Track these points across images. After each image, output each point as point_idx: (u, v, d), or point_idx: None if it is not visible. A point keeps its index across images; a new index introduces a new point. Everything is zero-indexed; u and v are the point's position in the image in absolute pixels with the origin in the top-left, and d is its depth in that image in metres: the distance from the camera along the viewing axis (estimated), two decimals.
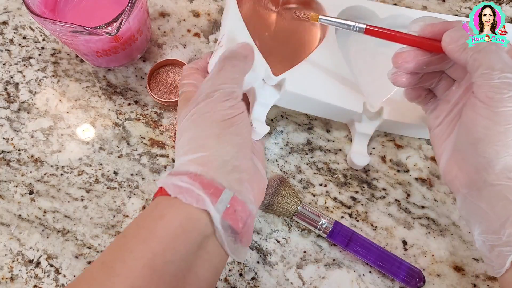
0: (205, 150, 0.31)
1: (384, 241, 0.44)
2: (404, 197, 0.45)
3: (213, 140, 0.31)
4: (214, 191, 0.30)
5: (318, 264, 0.43)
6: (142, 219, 0.30)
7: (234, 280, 0.42)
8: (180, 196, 0.29)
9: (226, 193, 0.30)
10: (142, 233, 0.29)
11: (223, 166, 0.31)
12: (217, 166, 0.31)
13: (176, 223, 0.29)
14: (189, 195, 0.29)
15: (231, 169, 0.31)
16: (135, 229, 0.30)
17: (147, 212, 0.31)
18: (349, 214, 0.44)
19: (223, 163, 0.31)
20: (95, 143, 0.46)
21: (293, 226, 0.44)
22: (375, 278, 0.42)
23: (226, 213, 0.30)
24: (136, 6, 0.39)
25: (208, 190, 0.30)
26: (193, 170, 0.30)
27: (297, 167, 0.46)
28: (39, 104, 0.47)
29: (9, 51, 0.48)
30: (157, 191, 0.32)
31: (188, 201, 0.29)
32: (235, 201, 0.31)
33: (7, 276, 0.41)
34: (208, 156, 0.31)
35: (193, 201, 0.29)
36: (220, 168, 0.31)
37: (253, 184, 0.34)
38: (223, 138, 0.31)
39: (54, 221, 0.43)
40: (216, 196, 0.30)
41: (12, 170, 0.44)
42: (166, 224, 0.29)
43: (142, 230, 0.29)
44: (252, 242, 0.43)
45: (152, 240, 0.28)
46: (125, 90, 0.48)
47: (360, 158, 0.45)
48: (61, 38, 0.41)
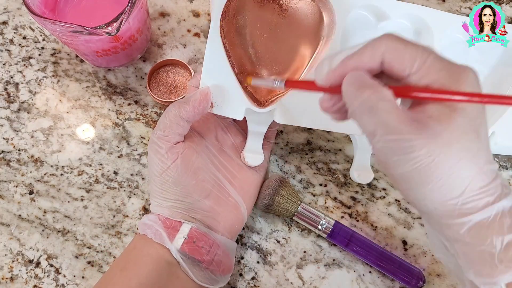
0: (158, 198, 0.37)
1: (384, 241, 0.44)
2: (404, 197, 0.45)
3: (158, 194, 0.36)
4: (173, 226, 0.35)
5: (318, 264, 0.43)
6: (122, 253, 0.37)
7: (234, 280, 0.42)
8: (145, 232, 0.35)
9: (184, 226, 0.35)
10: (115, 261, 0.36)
11: (174, 209, 0.36)
12: (173, 206, 0.36)
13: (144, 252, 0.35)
14: (151, 231, 0.35)
15: (183, 209, 0.36)
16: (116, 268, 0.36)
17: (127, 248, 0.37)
18: (349, 214, 0.44)
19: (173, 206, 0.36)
20: (95, 143, 0.46)
21: (293, 226, 0.44)
22: (375, 278, 0.42)
23: (185, 245, 0.35)
24: (136, 6, 0.39)
25: (166, 226, 0.35)
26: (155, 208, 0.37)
27: (297, 167, 0.46)
28: (39, 104, 0.47)
29: (9, 51, 0.48)
30: None
31: (151, 236, 0.35)
32: (194, 233, 0.35)
33: (7, 276, 0.41)
34: (162, 202, 0.37)
35: (153, 235, 0.35)
36: (172, 210, 0.36)
37: (220, 216, 0.38)
38: (165, 193, 0.36)
39: (54, 221, 0.43)
40: (175, 229, 0.35)
41: (12, 170, 0.44)
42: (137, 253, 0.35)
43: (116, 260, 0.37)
44: (252, 242, 0.43)
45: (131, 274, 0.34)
46: (125, 90, 0.48)
47: (363, 174, 0.44)
48: (61, 38, 0.41)
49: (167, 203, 0.36)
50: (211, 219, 0.37)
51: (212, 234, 0.36)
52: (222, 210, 0.38)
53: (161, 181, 0.36)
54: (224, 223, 0.38)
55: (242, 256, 0.43)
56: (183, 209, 0.36)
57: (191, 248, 0.35)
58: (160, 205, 0.36)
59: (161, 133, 0.35)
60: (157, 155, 0.35)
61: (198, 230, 0.35)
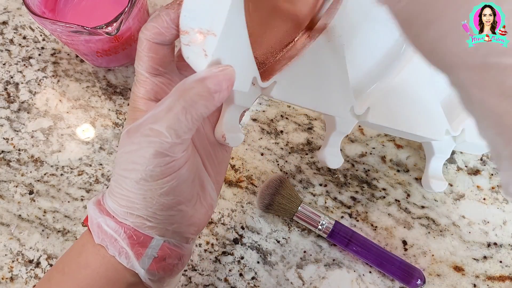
0: (130, 205, 0.26)
1: (384, 241, 0.44)
2: (404, 197, 0.45)
3: (138, 201, 0.26)
4: (142, 240, 0.26)
5: (318, 264, 0.43)
6: (68, 263, 0.28)
7: (234, 280, 0.42)
8: (103, 244, 0.27)
9: (154, 242, 0.27)
10: (67, 282, 0.27)
11: (151, 219, 0.27)
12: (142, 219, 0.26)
13: (101, 274, 0.27)
14: (113, 245, 0.26)
15: (159, 221, 0.27)
16: (60, 274, 0.28)
17: (73, 254, 0.28)
18: (349, 214, 0.44)
19: (150, 217, 0.26)
20: (95, 143, 0.46)
21: (293, 226, 0.44)
22: (375, 278, 0.42)
23: (154, 263, 0.27)
24: (136, 6, 0.39)
25: (133, 241, 0.26)
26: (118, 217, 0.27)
27: (297, 167, 0.46)
28: (39, 104, 0.47)
29: (9, 51, 0.48)
30: (86, 218, 0.29)
31: (111, 252, 0.26)
32: (166, 249, 0.27)
33: (7, 276, 0.41)
34: (133, 210, 0.26)
35: (116, 253, 0.26)
36: (148, 221, 0.27)
37: (195, 222, 0.29)
38: (149, 200, 0.26)
39: (54, 221, 0.43)
40: (143, 245, 0.27)
41: (12, 170, 0.44)
42: (90, 275, 0.27)
43: (67, 278, 0.27)
44: (252, 242, 0.43)
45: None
46: (125, 90, 0.48)
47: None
48: (61, 38, 0.41)
49: (141, 212, 0.26)
50: (185, 227, 0.28)
51: (184, 246, 0.29)
52: (199, 214, 0.29)
53: (148, 188, 0.25)
54: (198, 227, 0.29)
55: (242, 256, 0.43)
56: (160, 221, 0.27)
57: (160, 266, 0.27)
58: (131, 213, 0.26)
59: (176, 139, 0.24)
60: (161, 159, 0.24)
61: (170, 246, 0.28)
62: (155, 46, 0.26)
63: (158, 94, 0.27)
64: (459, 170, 0.47)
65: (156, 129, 0.24)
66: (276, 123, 0.47)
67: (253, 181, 0.45)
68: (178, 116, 0.23)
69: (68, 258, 0.29)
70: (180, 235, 0.28)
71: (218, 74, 0.24)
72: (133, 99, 0.28)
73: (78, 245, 0.29)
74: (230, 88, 0.25)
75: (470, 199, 0.46)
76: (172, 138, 0.24)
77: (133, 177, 0.25)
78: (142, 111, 0.27)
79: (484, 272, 0.43)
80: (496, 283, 0.42)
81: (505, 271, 0.43)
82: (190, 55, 0.24)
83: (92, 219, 0.27)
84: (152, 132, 0.24)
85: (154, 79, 0.27)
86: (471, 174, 0.47)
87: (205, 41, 0.24)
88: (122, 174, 0.25)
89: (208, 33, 0.24)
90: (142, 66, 0.27)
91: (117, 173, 0.26)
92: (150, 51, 0.26)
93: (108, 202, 0.27)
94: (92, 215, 0.27)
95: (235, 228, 0.43)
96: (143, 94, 0.27)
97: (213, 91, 0.23)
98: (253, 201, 0.44)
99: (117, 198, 0.26)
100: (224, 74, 0.24)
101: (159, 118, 0.24)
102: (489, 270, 0.43)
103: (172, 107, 0.23)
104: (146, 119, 0.24)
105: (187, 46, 0.24)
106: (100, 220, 0.27)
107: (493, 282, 0.42)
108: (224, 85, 0.24)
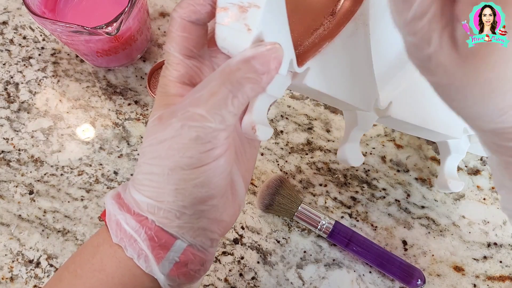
0: (159, 198, 0.24)
1: (384, 241, 0.44)
2: (404, 197, 0.45)
3: (169, 190, 0.24)
4: (164, 243, 0.24)
5: (318, 264, 0.43)
6: (80, 263, 0.26)
7: (234, 280, 0.42)
8: (121, 244, 0.24)
9: (177, 245, 0.25)
10: (79, 286, 0.25)
11: (180, 215, 0.24)
12: (171, 214, 0.24)
13: (116, 279, 0.25)
14: (132, 246, 0.24)
15: (188, 217, 0.25)
16: (72, 275, 0.26)
17: (87, 254, 0.26)
18: (349, 214, 0.44)
19: (179, 212, 0.24)
20: (95, 143, 0.46)
21: (293, 226, 0.44)
22: (375, 278, 0.42)
23: (175, 268, 0.25)
24: (136, 6, 0.39)
25: (154, 243, 0.24)
26: (142, 212, 0.24)
27: (297, 167, 0.46)
28: (39, 104, 0.47)
29: (9, 51, 0.48)
30: (104, 212, 0.27)
31: (129, 254, 0.24)
32: (189, 254, 0.25)
33: (7, 276, 0.41)
34: (163, 204, 0.24)
35: (134, 255, 0.24)
36: (176, 216, 0.24)
37: (222, 223, 0.27)
38: (181, 191, 0.24)
39: (54, 221, 0.43)
40: (165, 248, 0.24)
41: (12, 170, 0.44)
42: (105, 279, 0.25)
43: (79, 281, 0.25)
44: (252, 242, 0.43)
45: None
46: (125, 90, 0.48)
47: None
48: (61, 38, 0.41)
49: (170, 206, 0.24)
50: (213, 225, 0.26)
51: (207, 251, 0.26)
52: (229, 212, 0.27)
53: (183, 177, 0.23)
54: (225, 227, 0.27)
55: (242, 256, 0.43)
56: (189, 218, 0.24)
57: (181, 272, 0.25)
58: (159, 207, 0.24)
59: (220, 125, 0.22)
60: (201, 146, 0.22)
61: (193, 250, 0.25)
62: (189, 25, 0.24)
63: (192, 78, 0.25)
64: (459, 170, 0.47)
65: (199, 113, 0.21)
66: (276, 123, 0.47)
67: (253, 181, 0.45)
68: (225, 101, 0.21)
69: (81, 259, 0.26)
70: (206, 236, 0.26)
71: (266, 53, 0.21)
72: (164, 83, 0.25)
73: (93, 245, 0.26)
74: (278, 69, 0.22)
75: (470, 199, 0.46)
76: (216, 123, 0.21)
77: (167, 164, 0.23)
78: (175, 96, 0.25)
79: (484, 272, 0.43)
80: (496, 283, 0.42)
81: (505, 271, 0.43)
82: (229, 35, 0.22)
83: (111, 215, 0.25)
84: (193, 116, 0.21)
85: (188, 61, 0.25)
86: (471, 174, 0.47)
87: (247, 15, 0.22)
88: (153, 163, 0.23)
89: (250, 6, 0.22)
90: (174, 47, 0.24)
91: (146, 162, 0.24)
92: (184, 31, 0.24)
93: (134, 194, 0.25)
94: (111, 210, 0.25)
95: (235, 228, 0.43)
96: (176, 77, 0.25)
97: (261, 72, 0.21)
98: (253, 201, 0.44)
99: (144, 189, 0.24)
100: (272, 52, 0.22)
101: (202, 101, 0.22)
102: (489, 270, 0.43)
103: (217, 91, 0.21)
104: (185, 103, 0.22)
105: (225, 26, 0.22)
106: (120, 217, 0.24)
107: (493, 282, 0.42)
108: (272, 65, 0.22)
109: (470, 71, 0.19)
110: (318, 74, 0.30)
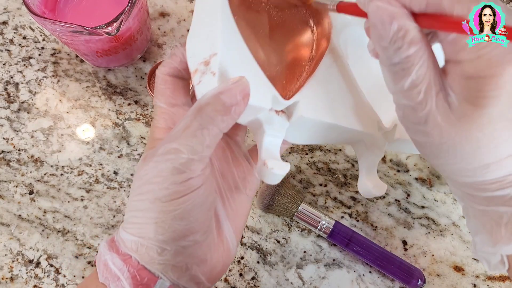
0: (142, 234, 0.25)
1: (384, 241, 0.44)
2: (404, 197, 0.45)
3: (150, 225, 0.25)
4: (146, 282, 0.25)
5: (318, 264, 0.43)
6: None
7: (234, 280, 0.42)
8: (106, 283, 0.25)
9: (158, 284, 0.25)
10: None
11: (161, 251, 0.25)
12: (153, 250, 0.25)
13: None
14: (115, 284, 0.25)
15: (170, 253, 0.25)
16: None
17: None
18: (349, 214, 0.44)
19: (160, 248, 0.25)
20: (95, 143, 0.46)
21: (293, 226, 0.44)
22: (375, 278, 0.42)
23: None
24: (136, 6, 0.39)
25: (136, 282, 0.25)
26: (127, 251, 0.26)
27: (297, 167, 0.46)
28: (39, 104, 0.47)
29: (9, 51, 0.48)
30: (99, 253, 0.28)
31: None
32: None
33: (7, 276, 0.41)
34: (145, 240, 0.25)
35: None
36: (158, 254, 0.25)
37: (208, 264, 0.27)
38: (161, 224, 0.24)
39: (54, 221, 0.43)
40: (147, 287, 0.25)
41: (12, 170, 0.44)
42: None
43: None
44: (252, 242, 0.43)
45: None
46: (125, 90, 0.48)
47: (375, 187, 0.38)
48: (61, 38, 0.41)
49: (151, 242, 0.25)
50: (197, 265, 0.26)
51: None
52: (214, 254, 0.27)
53: (161, 209, 0.24)
54: (211, 271, 0.27)
55: (242, 256, 0.43)
56: (169, 254, 0.25)
57: None
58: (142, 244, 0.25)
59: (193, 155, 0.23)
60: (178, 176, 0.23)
61: None
62: (170, 79, 0.28)
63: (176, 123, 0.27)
64: None
65: (173, 146, 0.23)
66: None
67: None
68: (195, 133, 0.23)
69: None
70: (191, 278, 0.26)
71: (231, 87, 0.23)
72: (152, 130, 0.28)
73: (82, 286, 0.28)
74: (246, 100, 0.24)
75: None
76: (188, 154, 0.23)
77: (148, 198, 0.24)
78: (160, 139, 0.27)
79: (484, 272, 0.43)
80: (496, 283, 0.42)
81: (505, 271, 0.43)
82: (204, 89, 0.24)
83: (101, 256, 0.26)
84: (170, 150, 0.23)
85: (173, 109, 0.28)
86: None
87: (211, 65, 0.24)
88: (137, 199, 0.25)
89: (211, 57, 0.24)
90: (160, 99, 0.28)
91: (132, 200, 0.25)
92: (167, 84, 0.28)
93: (121, 233, 0.26)
94: (101, 252, 0.27)
95: None
96: (162, 124, 0.28)
97: (229, 104, 0.23)
98: (253, 201, 0.44)
99: (130, 227, 0.26)
100: (237, 85, 0.23)
101: (176, 136, 0.23)
102: None
103: (189, 125, 0.23)
104: (164, 141, 0.24)
105: (199, 85, 0.25)
106: (107, 257, 0.26)
107: (493, 282, 0.42)
108: (239, 96, 0.23)
109: (463, 130, 0.22)
110: (310, 103, 0.31)
